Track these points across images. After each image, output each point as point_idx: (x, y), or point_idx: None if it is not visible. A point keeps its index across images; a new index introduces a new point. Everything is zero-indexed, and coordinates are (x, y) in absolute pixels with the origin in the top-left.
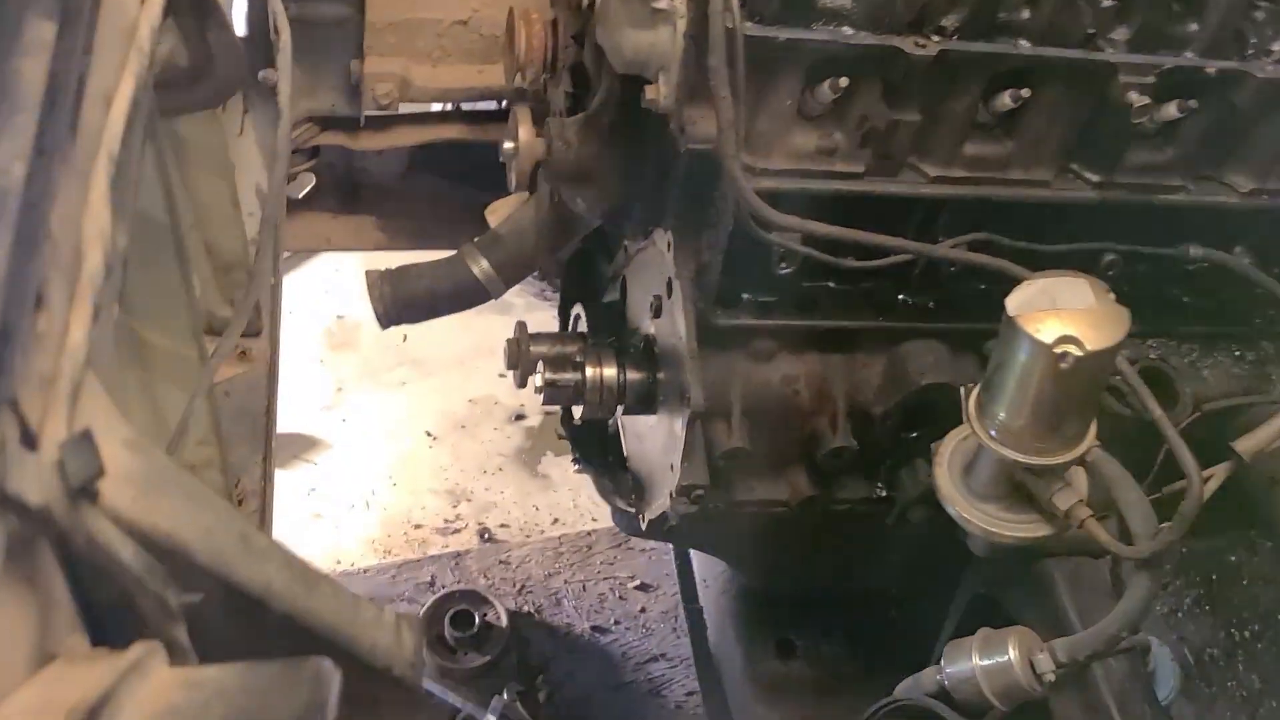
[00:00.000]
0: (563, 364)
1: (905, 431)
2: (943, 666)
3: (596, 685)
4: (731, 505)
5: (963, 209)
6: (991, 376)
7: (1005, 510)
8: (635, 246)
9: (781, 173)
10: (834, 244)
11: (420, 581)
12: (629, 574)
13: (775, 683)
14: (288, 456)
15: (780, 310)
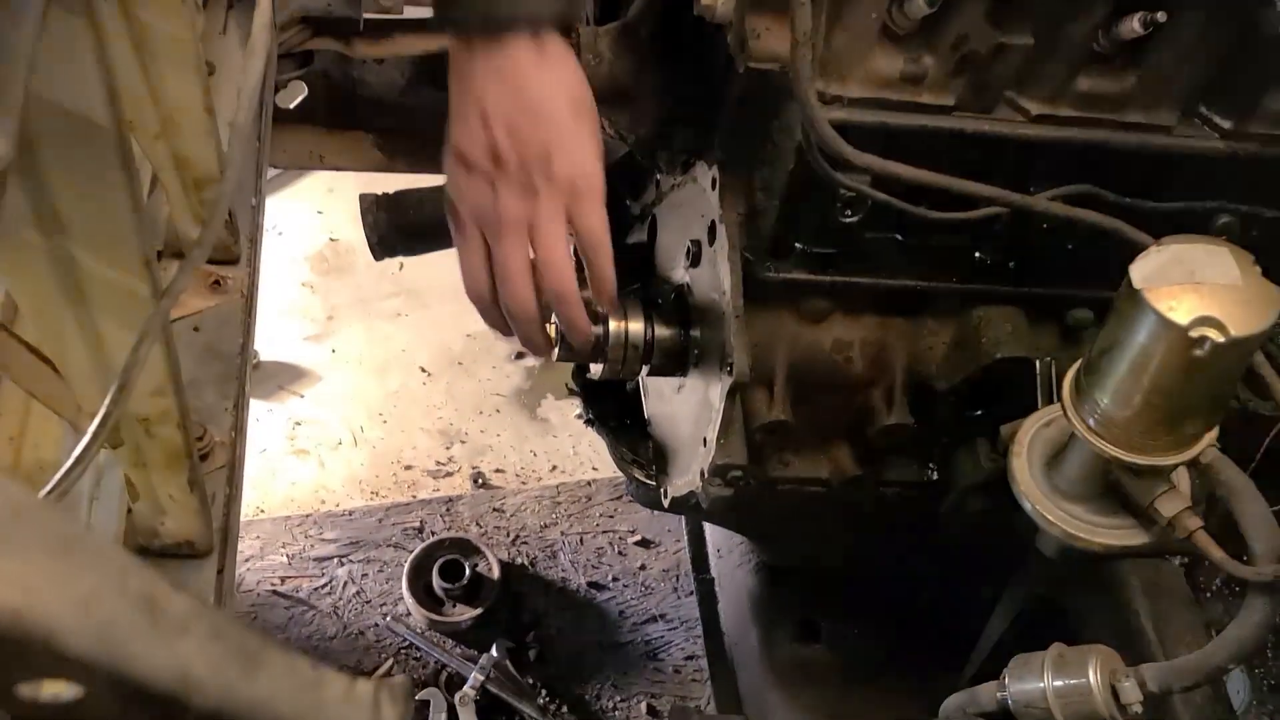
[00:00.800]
0: None
1: (969, 409)
2: (1005, 683)
3: (591, 644)
4: (763, 482)
5: (1065, 155)
6: (1098, 357)
7: (1094, 512)
8: (670, 181)
9: (856, 102)
10: (911, 191)
11: (409, 526)
12: (629, 528)
13: (795, 667)
14: (273, 387)
15: (838, 265)
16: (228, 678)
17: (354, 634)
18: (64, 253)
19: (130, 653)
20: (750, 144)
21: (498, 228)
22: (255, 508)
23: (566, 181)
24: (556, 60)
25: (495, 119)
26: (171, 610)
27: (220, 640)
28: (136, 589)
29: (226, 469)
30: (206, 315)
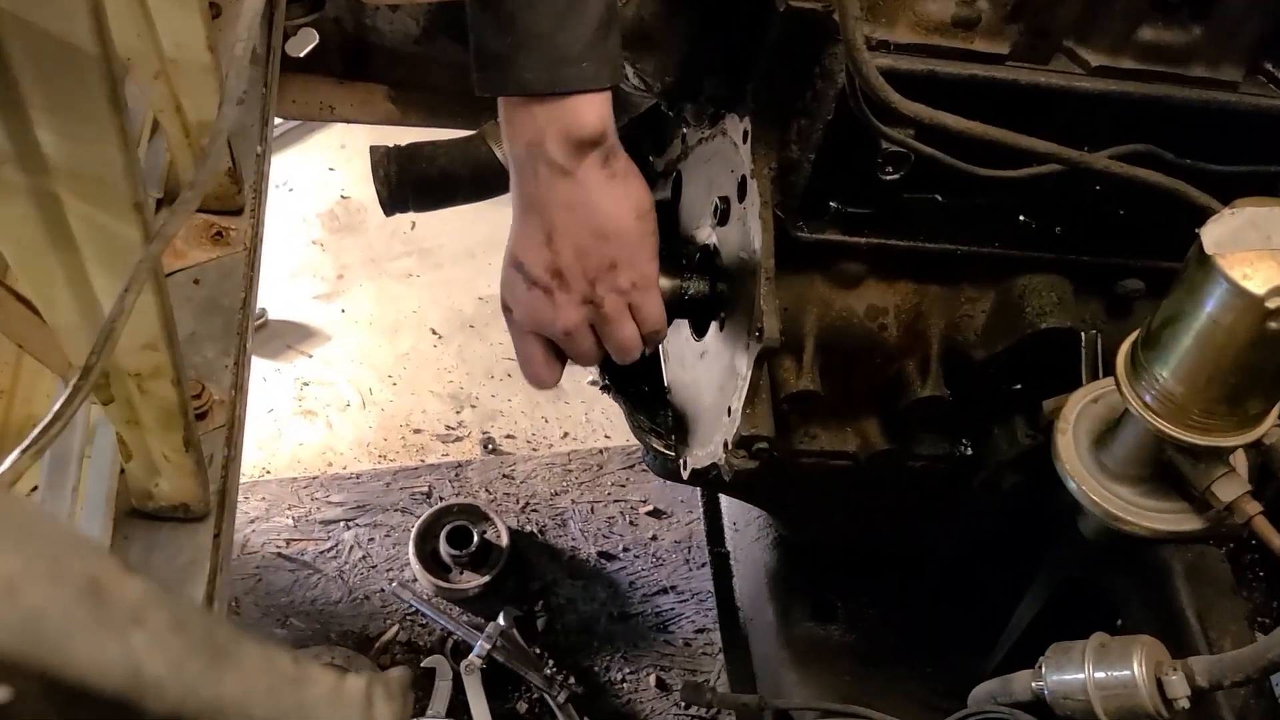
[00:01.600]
0: None
1: (1007, 382)
2: (1042, 672)
3: (600, 615)
4: (786, 454)
5: (1124, 112)
6: (1159, 329)
7: (1142, 494)
8: (697, 135)
9: (903, 48)
10: (955, 147)
11: (417, 491)
12: (641, 498)
13: (810, 647)
14: (280, 346)
15: (874, 226)
16: (190, 676)
17: (359, 599)
18: (48, 193)
19: (67, 648)
20: (786, 93)
21: (559, 333)
22: (261, 469)
23: (629, 285)
24: (624, 176)
25: (562, 240)
26: (122, 597)
27: (182, 632)
28: (77, 572)
29: (225, 429)
30: (207, 268)
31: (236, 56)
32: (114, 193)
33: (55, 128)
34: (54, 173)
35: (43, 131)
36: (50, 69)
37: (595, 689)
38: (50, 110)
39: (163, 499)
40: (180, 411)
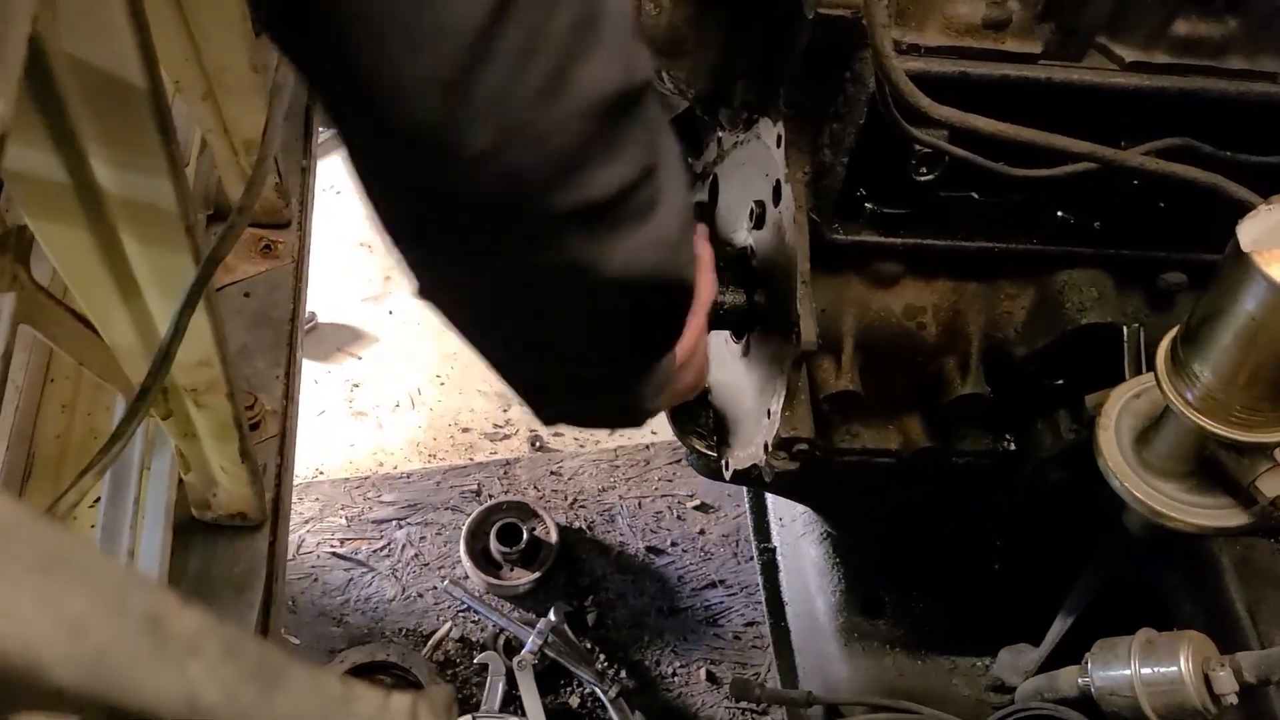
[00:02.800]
0: None
1: (1049, 378)
2: (1088, 668)
3: (649, 609)
4: (829, 453)
5: (1160, 106)
6: (1198, 326)
7: (1186, 490)
8: (732, 139)
9: (934, 51)
10: (990, 146)
11: (466, 489)
12: (688, 492)
13: (858, 641)
14: (330, 349)
15: (910, 226)
16: (244, 701)
17: (412, 596)
18: (104, 220)
19: (130, 681)
20: (818, 98)
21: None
22: (314, 470)
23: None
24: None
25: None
26: (179, 629)
27: (235, 659)
28: (138, 608)
29: (277, 438)
30: (257, 281)
31: (279, 78)
32: (166, 218)
33: (108, 159)
34: (108, 201)
35: (97, 163)
36: (102, 103)
37: (646, 683)
38: (103, 142)
39: (220, 508)
40: (235, 424)
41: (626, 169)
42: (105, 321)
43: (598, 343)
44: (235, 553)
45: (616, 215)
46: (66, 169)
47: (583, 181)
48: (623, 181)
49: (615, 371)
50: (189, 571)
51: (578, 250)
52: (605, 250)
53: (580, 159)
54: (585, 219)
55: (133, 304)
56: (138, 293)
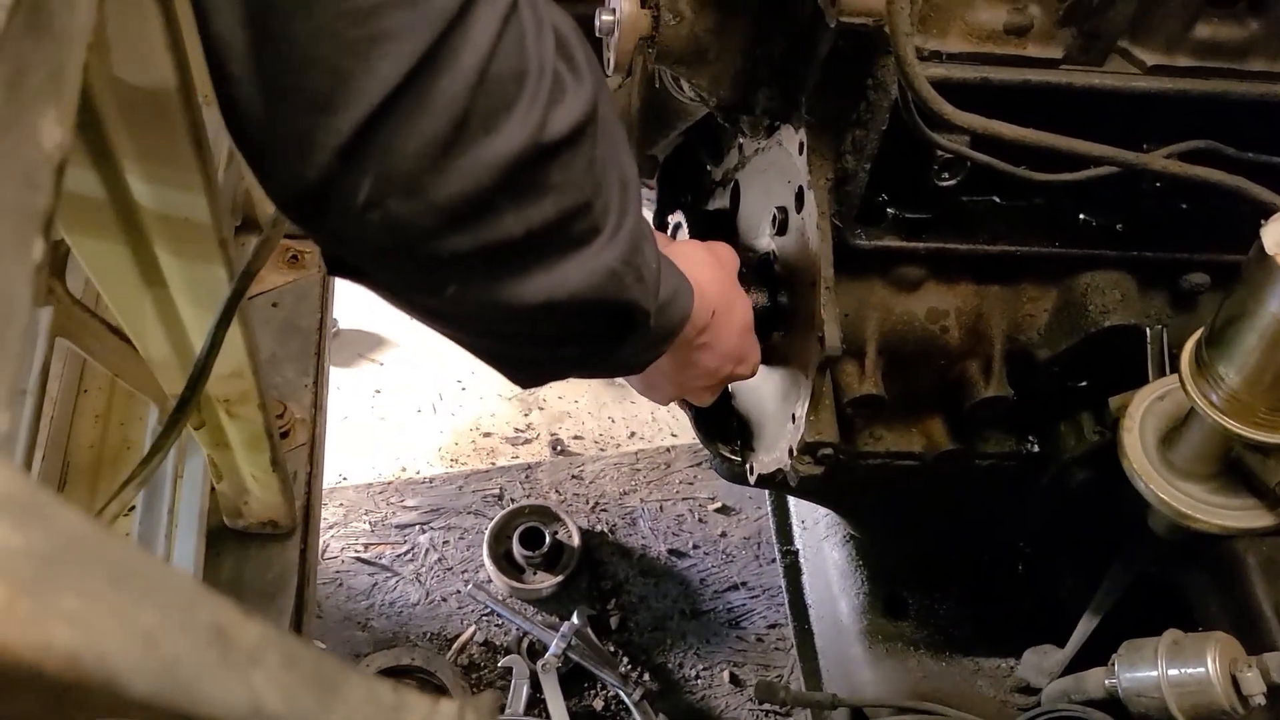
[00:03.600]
0: None
1: (1073, 380)
2: (1115, 669)
3: (672, 612)
4: (852, 456)
5: (1183, 109)
6: (1222, 328)
7: (1211, 491)
8: (754, 146)
9: (955, 57)
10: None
11: (489, 494)
12: (709, 495)
13: (882, 643)
14: (353, 355)
15: (932, 230)
16: (304, 709)
17: (436, 601)
18: (139, 234)
19: (199, 691)
20: (840, 105)
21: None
22: (338, 475)
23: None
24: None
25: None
26: (242, 640)
27: (295, 669)
28: (205, 620)
29: (307, 446)
30: (285, 291)
31: None
32: (200, 232)
33: (145, 174)
34: (144, 216)
35: (133, 179)
36: (139, 120)
37: (669, 686)
38: (140, 158)
39: (252, 516)
40: (266, 433)
41: (546, 210)
42: (140, 334)
43: (544, 342)
44: (267, 560)
45: (534, 251)
46: (104, 185)
47: (485, 226)
48: (542, 221)
49: (582, 354)
50: (222, 579)
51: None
52: (519, 283)
53: (478, 207)
54: (491, 258)
55: (167, 317)
56: (172, 306)
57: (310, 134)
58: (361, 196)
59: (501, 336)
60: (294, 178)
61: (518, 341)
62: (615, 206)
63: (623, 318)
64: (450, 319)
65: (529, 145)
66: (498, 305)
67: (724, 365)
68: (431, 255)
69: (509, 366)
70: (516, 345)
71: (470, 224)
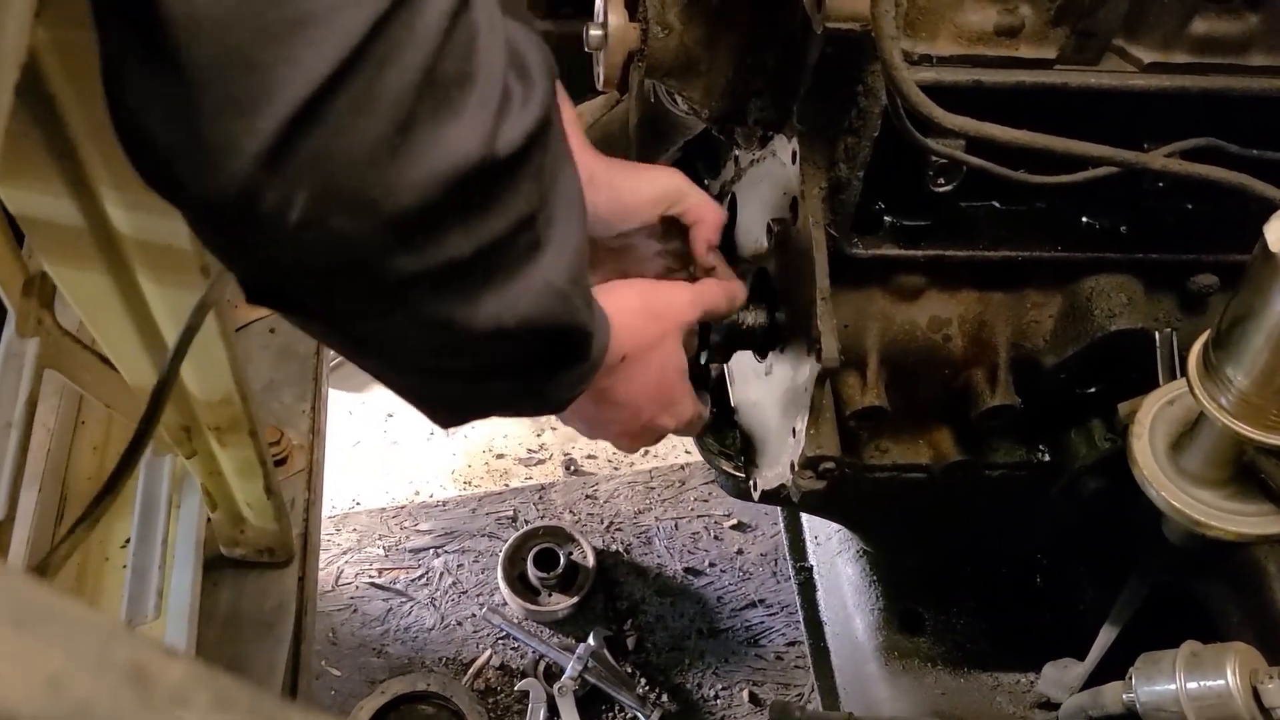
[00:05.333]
0: None
1: (1081, 386)
2: (1132, 683)
3: (689, 631)
4: (858, 470)
5: (1182, 107)
6: (1229, 329)
7: (1226, 497)
8: (749, 157)
9: (946, 60)
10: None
11: (502, 516)
12: (725, 512)
13: (899, 660)
14: (364, 380)
15: (931, 237)
16: None
17: (451, 625)
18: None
19: None
20: (832, 112)
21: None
22: (351, 500)
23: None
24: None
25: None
26: (166, 679)
27: (228, 709)
28: (122, 659)
29: (305, 472)
30: None
31: None
32: (181, 259)
33: (122, 201)
34: (124, 244)
35: (111, 206)
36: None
37: (688, 706)
38: (116, 185)
39: (248, 544)
40: (259, 460)
41: (495, 225)
42: (126, 363)
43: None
44: (265, 589)
45: (483, 270)
46: (82, 213)
47: (434, 244)
48: (491, 237)
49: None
50: (220, 609)
51: (434, 309)
52: (470, 306)
53: (428, 223)
54: (440, 279)
55: (152, 345)
56: (157, 334)
57: (226, 139)
58: (295, 213)
59: (434, 372)
60: (208, 191)
61: (447, 376)
62: (560, 220)
63: (565, 345)
64: (385, 352)
65: (480, 157)
66: (447, 331)
67: (639, 413)
68: (379, 279)
69: (431, 406)
70: (445, 381)
71: (420, 242)
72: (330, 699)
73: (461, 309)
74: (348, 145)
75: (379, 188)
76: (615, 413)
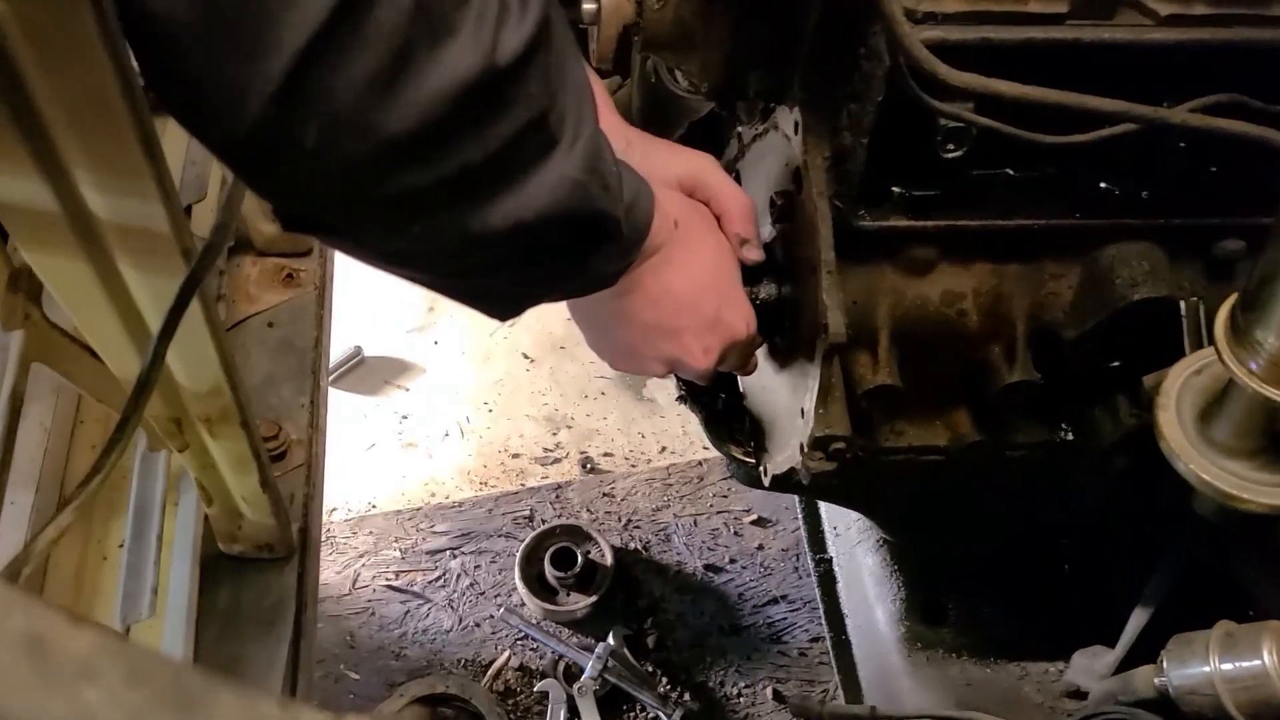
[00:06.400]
0: None
1: (1103, 360)
2: (1164, 667)
3: (710, 628)
4: (874, 453)
5: (1201, 61)
6: (1258, 288)
7: (1258, 468)
8: (751, 133)
9: (952, 18)
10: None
11: (519, 515)
12: (744, 507)
13: (922, 651)
14: (378, 382)
15: (943, 208)
16: None
17: (469, 626)
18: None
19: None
20: (834, 78)
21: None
22: (368, 503)
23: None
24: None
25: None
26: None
27: (143, 684)
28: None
29: (304, 468)
30: (280, 310)
31: None
32: (161, 243)
33: (97, 184)
34: (102, 228)
35: (86, 190)
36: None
37: (711, 705)
38: (90, 168)
39: (246, 541)
40: (253, 453)
41: (504, 130)
42: (112, 354)
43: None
44: (264, 586)
45: (496, 174)
46: (56, 197)
47: (444, 156)
48: (501, 143)
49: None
50: (218, 606)
51: (452, 218)
52: (487, 208)
53: (436, 138)
54: (455, 187)
55: (137, 335)
56: (141, 323)
57: (242, 82)
58: (310, 142)
59: (474, 271)
60: (232, 131)
61: (490, 273)
62: (571, 115)
63: (594, 229)
64: (419, 261)
65: (482, 70)
66: (466, 237)
67: (703, 302)
68: (392, 194)
69: (485, 302)
70: (490, 277)
71: (428, 156)
72: (349, 703)
73: (479, 212)
74: (349, 78)
75: (382, 112)
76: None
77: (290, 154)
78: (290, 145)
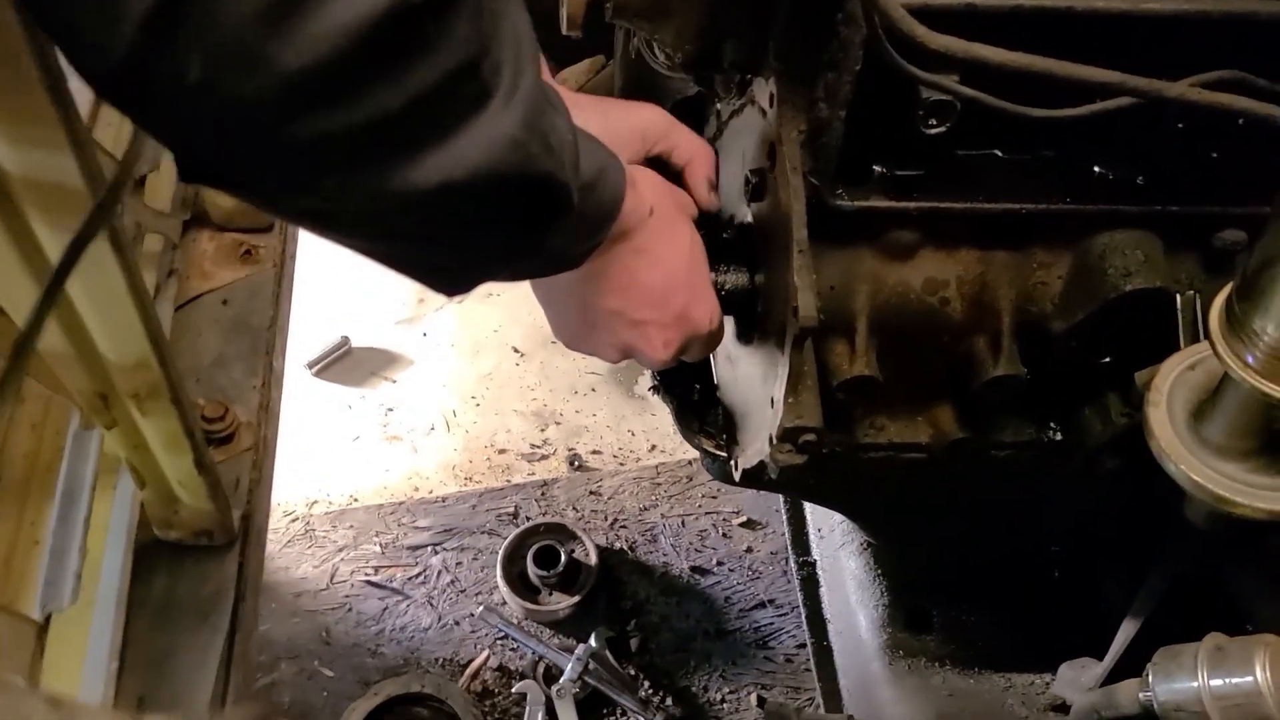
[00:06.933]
0: None
1: (1094, 355)
2: (1149, 680)
3: (695, 632)
4: (852, 449)
5: (1203, 34)
6: (1256, 275)
7: (1252, 471)
8: (729, 109)
9: None
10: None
11: (503, 512)
12: (733, 509)
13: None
14: (365, 373)
15: (926, 189)
16: None
17: (449, 624)
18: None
19: None
20: (810, 47)
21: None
22: (349, 497)
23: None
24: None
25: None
26: None
27: None
28: None
29: (252, 451)
30: (236, 288)
31: None
32: (74, 199)
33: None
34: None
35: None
36: None
37: (693, 710)
38: None
39: (184, 527)
40: (186, 433)
41: (427, 75)
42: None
43: (459, 236)
44: (202, 575)
45: (419, 125)
46: None
47: (351, 100)
48: (423, 89)
49: (506, 245)
50: (152, 595)
51: (370, 172)
52: (410, 164)
53: (340, 79)
54: (370, 139)
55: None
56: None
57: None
58: (192, 76)
59: (407, 237)
60: (102, 55)
61: (425, 241)
62: (509, 65)
63: (541, 197)
64: (341, 222)
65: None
66: (388, 195)
67: (671, 297)
68: (293, 141)
69: (426, 273)
70: (424, 246)
71: (335, 99)
72: (322, 700)
73: (400, 169)
74: (235, 3)
75: (276, 45)
76: (651, 283)
77: (171, 88)
78: (169, 78)
